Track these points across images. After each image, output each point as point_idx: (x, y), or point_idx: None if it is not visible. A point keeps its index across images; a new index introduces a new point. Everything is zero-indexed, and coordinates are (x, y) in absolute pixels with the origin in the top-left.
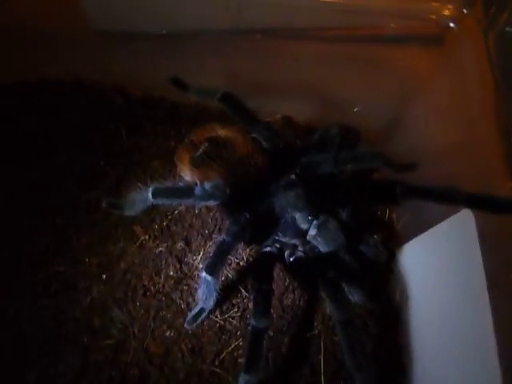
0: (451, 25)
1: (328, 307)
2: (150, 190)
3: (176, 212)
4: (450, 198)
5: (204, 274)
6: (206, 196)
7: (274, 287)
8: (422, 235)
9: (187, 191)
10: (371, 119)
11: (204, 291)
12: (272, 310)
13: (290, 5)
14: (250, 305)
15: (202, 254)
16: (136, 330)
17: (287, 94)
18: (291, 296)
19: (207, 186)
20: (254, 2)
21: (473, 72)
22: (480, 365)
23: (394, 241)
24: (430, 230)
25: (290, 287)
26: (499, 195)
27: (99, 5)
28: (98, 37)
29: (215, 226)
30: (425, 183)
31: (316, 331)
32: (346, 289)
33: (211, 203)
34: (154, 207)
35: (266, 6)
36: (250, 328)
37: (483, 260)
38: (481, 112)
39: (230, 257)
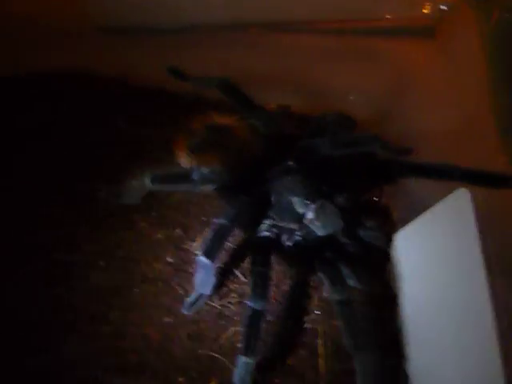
0: (445, 9)
1: (325, 288)
2: (148, 176)
3: (174, 200)
4: (446, 174)
5: (201, 257)
6: (204, 180)
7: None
8: (418, 218)
9: (185, 176)
10: (366, 108)
11: (201, 276)
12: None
13: None
14: (248, 290)
15: (199, 240)
16: (134, 317)
17: (283, 85)
18: (289, 282)
19: (205, 170)
20: None
21: (467, 58)
22: (478, 345)
23: (390, 227)
24: (426, 212)
25: (288, 274)
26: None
27: (100, 3)
28: (99, 32)
29: (213, 213)
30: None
31: (314, 316)
32: (343, 271)
33: (209, 188)
34: (151, 195)
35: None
36: (247, 310)
37: (480, 239)
38: (475, 96)
39: (226, 243)
